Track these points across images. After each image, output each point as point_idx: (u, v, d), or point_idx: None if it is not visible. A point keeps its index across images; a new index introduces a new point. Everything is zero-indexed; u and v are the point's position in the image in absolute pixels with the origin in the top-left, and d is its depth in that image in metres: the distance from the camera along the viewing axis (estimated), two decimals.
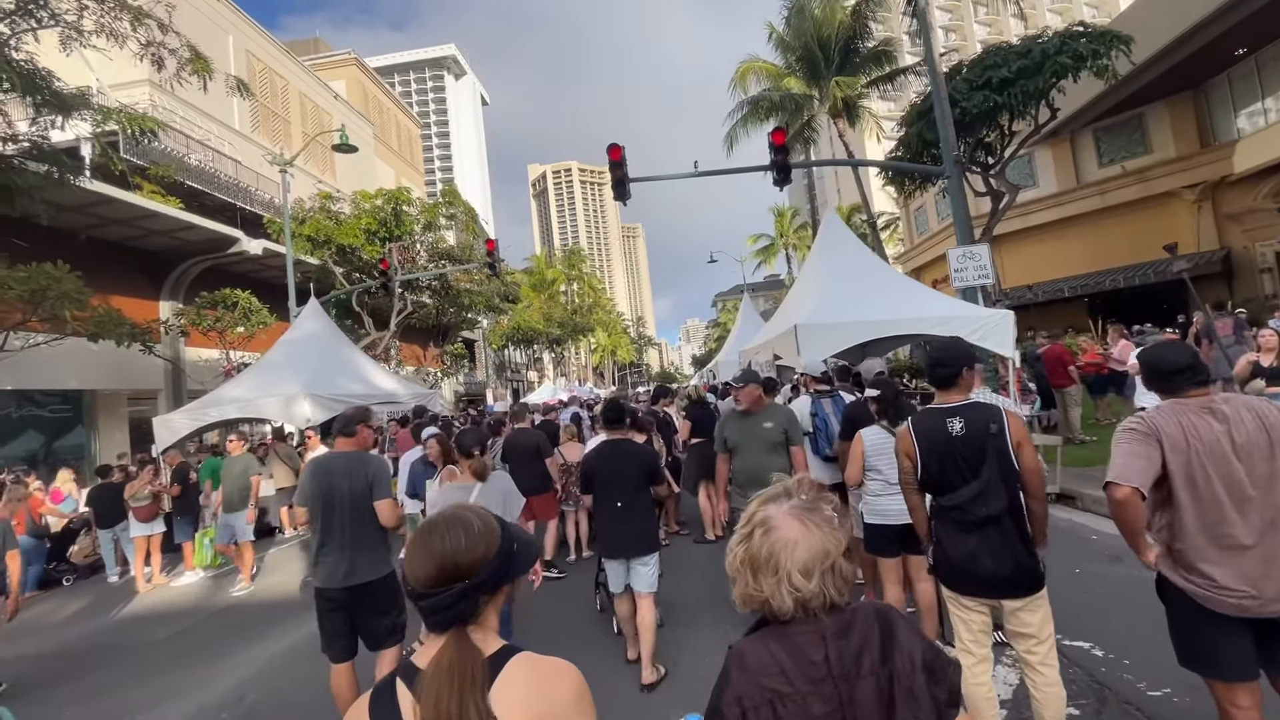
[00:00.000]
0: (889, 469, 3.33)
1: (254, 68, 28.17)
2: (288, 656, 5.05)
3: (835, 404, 4.88)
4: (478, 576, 1.13)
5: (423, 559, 1.14)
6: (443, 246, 21.48)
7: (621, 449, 4.06)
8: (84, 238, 14.62)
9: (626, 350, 69.94)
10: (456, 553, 1.13)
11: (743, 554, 1.18)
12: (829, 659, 1.12)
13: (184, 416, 10.12)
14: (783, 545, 1.14)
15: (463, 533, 1.16)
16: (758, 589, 1.15)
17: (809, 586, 1.12)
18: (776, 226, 41.85)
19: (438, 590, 1.11)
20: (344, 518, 3.43)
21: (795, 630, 1.15)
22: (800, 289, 9.33)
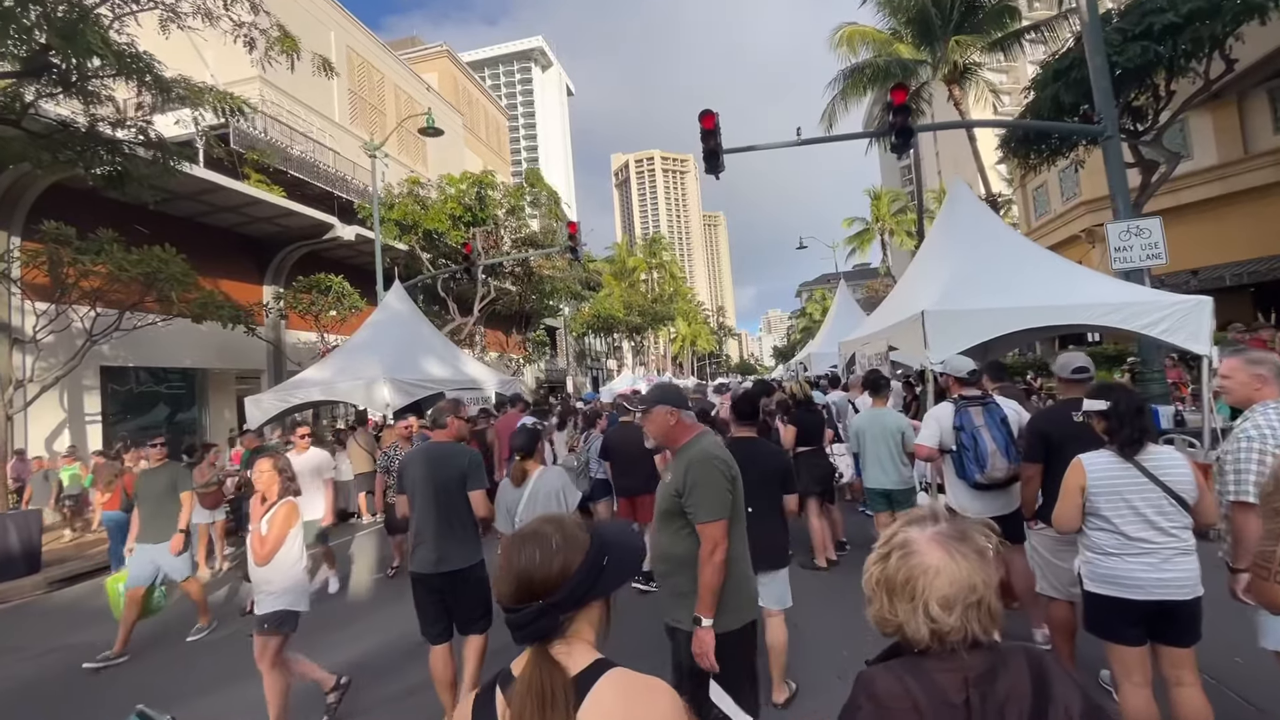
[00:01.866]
0: (1124, 516, 2.38)
1: (353, 61, 29.28)
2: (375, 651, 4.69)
3: (989, 415, 3.80)
4: (555, 595, 1.07)
5: (503, 574, 1.11)
6: (526, 232, 21.33)
7: (756, 449, 3.47)
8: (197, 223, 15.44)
9: (706, 340, 68.63)
10: (531, 570, 1.08)
11: (878, 574, 1.13)
12: (970, 704, 1.03)
13: (273, 397, 10.26)
14: (921, 571, 1.07)
15: (538, 548, 1.10)
16: (893, 613, 1.10)
17: (948, 620, 1.04)
18: (872, 210, 39.14)
19: (518, 607, 1.08)
20: (438, 507, 3.57)
21: (933, 665, 1.07)
22: (921, 270, 8.07)
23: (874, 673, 1.13)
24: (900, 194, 43.95)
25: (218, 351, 16.15)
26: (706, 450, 2.45)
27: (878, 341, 7.90)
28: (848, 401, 6.26)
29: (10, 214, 12.00)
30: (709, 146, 8.58)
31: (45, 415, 12.52)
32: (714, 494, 2.35)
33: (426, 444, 3.96)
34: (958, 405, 3.90)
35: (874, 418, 5.13)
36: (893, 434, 4.98)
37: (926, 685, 1.05)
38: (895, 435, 4.98)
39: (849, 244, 39.95)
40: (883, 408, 5.16)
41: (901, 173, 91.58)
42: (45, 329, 11.31)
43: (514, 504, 3.55)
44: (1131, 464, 2.37)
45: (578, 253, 14.00)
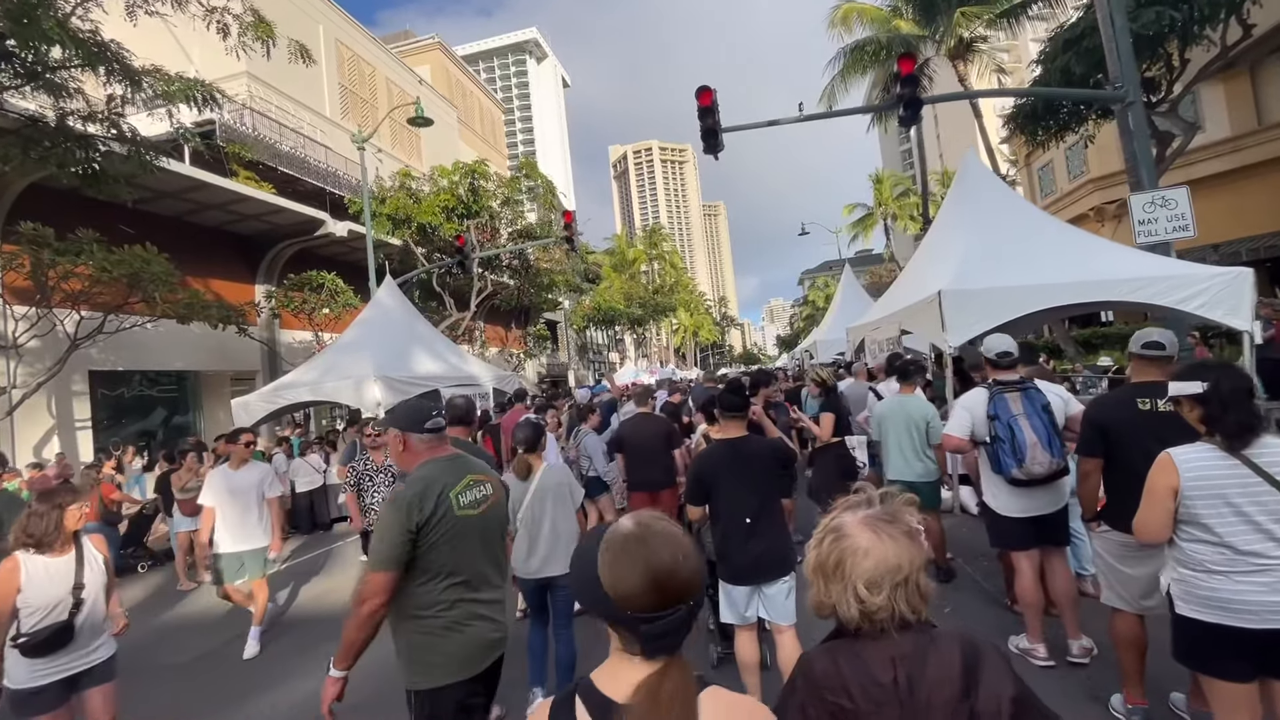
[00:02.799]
0: (1231, 525, 1.98)
1: (343, 55, 28.78)
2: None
3: (1028, 401, 3.35)
4: (697, 597, 1.03)
5: (642, 577, 0.99)
6: (522, 224, 20.90)
7: (749, 447, 3.20)
8: (182, 222, 15.07)
9: (709, 331, 68.15)
10: (677, 570, 1.01)
11: (813, 559, 1.16)
12: (898, 683, 1.05)
13: (260, 399, 9.90)
14: (850, 553, 1.10)
15: (678, 548, 1.03)
16: (827, 595, 1.12)
17: (875, 600, 1.07)
18: (875, 194, 38.53)
19: (662, 613, 0.99)
20: None
21: (864, 646, 1.10)
22: (934, 249, 7.63)
23: (811, 654, 1.16)
24: (903, 178, 43.30)
25: (211, 353, 15.82)
26: (407, 485, 2.17)
27: (889, 325, 7.49)
28: (868, 389, 5.86)
29: None
30: (707, 125, 8.14)
31: (33, 423, 12.20)
32: (383, 540, 2.07)
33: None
34: (992, 391, 3.46)
35: (898, 405, 4.71)
36: (917, 423, 4.58)
37: (856, 665, 1.08)
38: (920, 424, 4.57)
39: (852, 229, 39.41)
40: (909, 394, 4.74)
41: (902, 156, 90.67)
42: (28, 333, 10.98)
43: (518, 499, 3.51)
44: (1238, 460, 1.95)
45: (574, 243, 13.59)
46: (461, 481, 2.22)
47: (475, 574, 2.20)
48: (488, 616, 2.22)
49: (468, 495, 2.23)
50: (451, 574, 2.13)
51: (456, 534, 2.14)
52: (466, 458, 2.39)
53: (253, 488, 4.85)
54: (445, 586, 2.12)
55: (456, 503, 2.17)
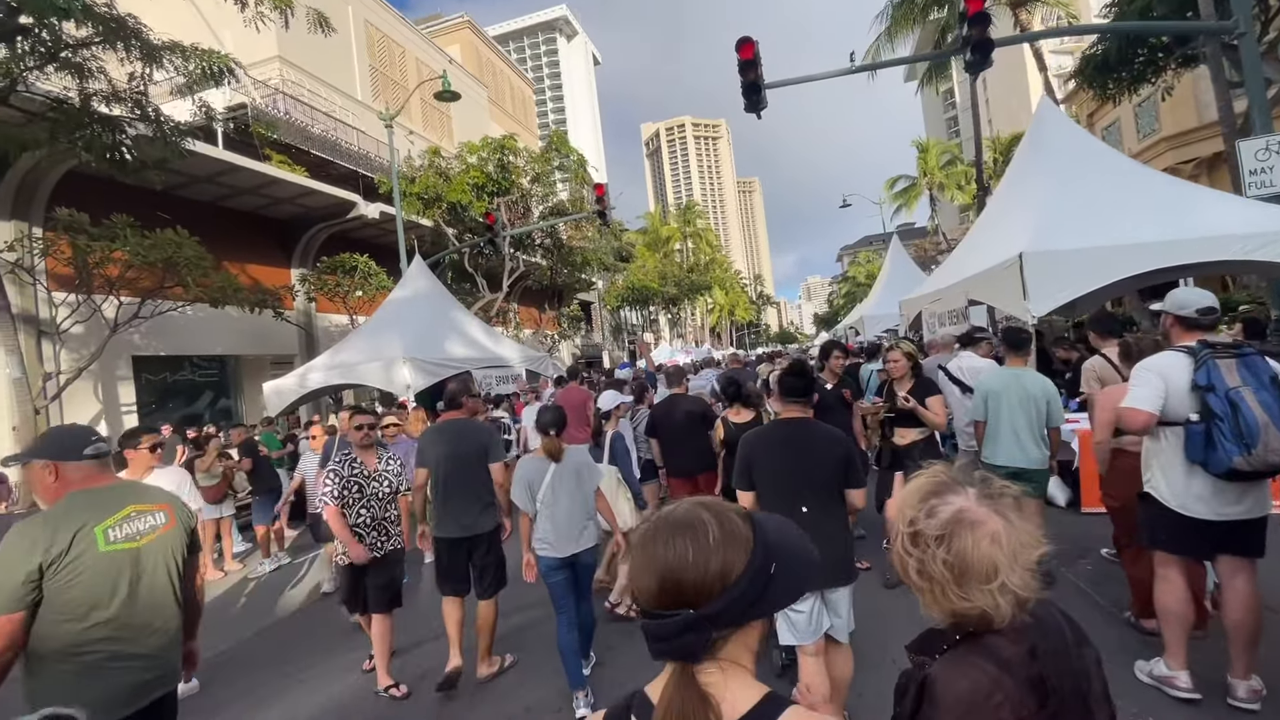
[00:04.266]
0: None
1: (372, 36, 28.58)
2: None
3: (1250, 370, 2.53)
4: (710, 605, 0.83)
5: (643, 569, 0.88)
6: (554, 201, 20.44)
7: (808, 432, 2.83)
8: (219, 207, 15.12)
9: (745, 309, 66.90)
10: (681, 568, 0.84)
11: (946, 557, 0.97)
12: (1044, 675, 0.95)
13: (293, 382, 9.78)
14: (993, 544, 0.96)
15: (690, 542, 0.85)
16: (965, 598, 0.96)
17: (1031, 585, 0.96)
18: (919, 164, 36.70)
19: (660, 612, 0.84)
20: (461, 478, 3.91)
21: (997, 643, 0.97)
22: (1005, 208, 6.83)
23: (947, 673, 0.98)
24: (949, 145, 41.15)
25: (250, 337, 15.95)
26: (39, 518, 2.03)
27: (954, 295, 6.77)
28: (936, 367, 5.19)
29: (29, 204, 11.76)
30: (749, 80, 7.46)
31: (80, 407, 12.44)
32: None
33: (444, 421, 4.22)
34: (1198, 356, 2.65)
35: (1012, 379, 3.96)
36: (1036, 400, 3.86)
37: (1005, 665, 0.96)
38: (1040, 402, 3.86)
39: (895, 201, 37.68)
40: (1021, 367, 4.02)
41: (947, 124, 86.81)
42: (69, 319, 11.11)
43: (537, 479, 3.54)
44: None
45: (606, 217, 13.04)
46: (116, 514, 2.09)
47: (127, 611, 2.07)
48: (139, 655, 2.09)
49: (124, 528, 2.10)
50: (92, 612, 2.00)
51: (99, 571, 2.01)
52: (134, 486, 2.31)
53: None
54: (86, 627, 1.99)
55: (103, 538, 2.04)
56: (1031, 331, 4.47)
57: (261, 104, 19.00)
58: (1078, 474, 5.06)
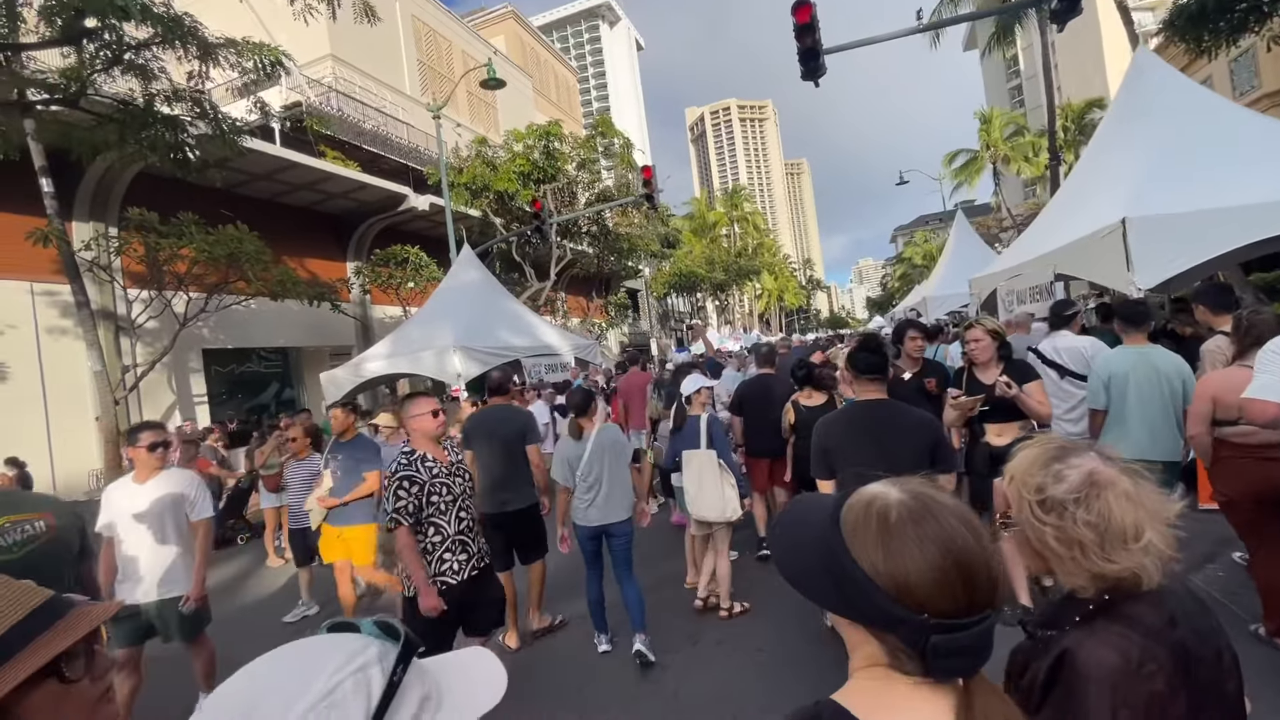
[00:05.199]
0: None
1: (420, 31, 28.97)
2: None
3: None
4: (1005, 602, 0.80)
5: (941, 562, 0.69)
6: (600, 187, 20.25)
7: (890, 414, 2.68)
8: (277, 204, 15.61)
9: (794, 294, 65.37)
10: (989, 558, 0.72)
11: (1088, 519, 0.93)
12: (1185, 642, 0.91)
13: (348, 372, 9.93)
14: (1133, 504, 0.93)
15: (981, 529, 0.72)
16: (1109, 559, 0.92)
17: (1173, 543, 0.93)
18: (981, 136, 34.70)
19: (968, 620, 0.68)
20: (502, 459, 4.19)
21: (1138, 610, 0.92)
22: (1099, 168, 6.17)
23: (1091, 644, 0.92)
24: (1014, 116, 38.81)
25: (310, 330, 16.45)
26: None
27: (1037, 270, 6.19)
28: (1026, 349, 4.68)
29: (105, 206, 12.35)
30: (806, 45, 7.01)
31: (156, 399, 13.09)
32: None
33: (488, 407, 4.65)
34: None
35: (1140, 359, 3.43)
36: (1170, 380, 3.34)
37: (1152, 633, 0.91)
38: (1174, 381, 3.34)
39: (956, 177, 35.82)
40: (1144, 345, 3.48)
41: (1010, 94, 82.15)
42: (144, 314, 11.65)
43: (575, 457, 3.85)
44: None
45: (654, 200, 12.71)
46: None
47: None
48: None
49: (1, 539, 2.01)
50: None
51: None
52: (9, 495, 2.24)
53: (163, 509, 3.36)
54: None
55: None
56: (1150, 305, 3.92)
57: (316, 101, 19.49)
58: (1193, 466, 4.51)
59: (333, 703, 0.57)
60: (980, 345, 3.46)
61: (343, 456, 4.69)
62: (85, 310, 10.22)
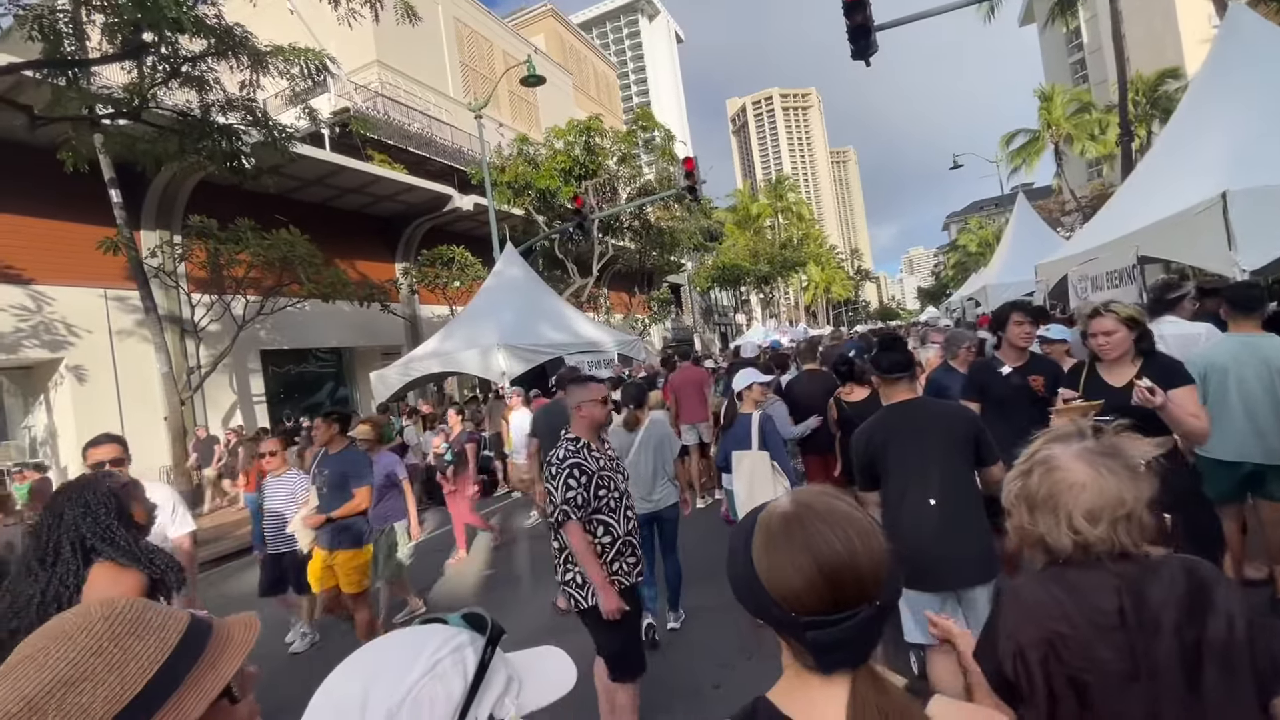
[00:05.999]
0: None
1: (461, 33, 29.38)
2: None
3: None
4: (884, 594, 0.81)
5: (799, 569, 0.79)
6: (641, 181, 20.08)
7: (926, 410, 2.61)
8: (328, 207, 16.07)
9: (842, 286, 63.74)
10: (853, 559, 0.79)
11: (1018, 489, 1.16)
12: (1124, 610, 1.06)
13: (396, 371, 10.10)
14: (1066, 487, 1.09)
15: (853, 532, 0.81)
16: (1033, 525, 1.13)
17: (1094, 531, 1.06)
18: (1042, 114, 32.86)
19: (835, 617, 0.78)
20: None
21: (1079, 574, 1.10)
22: (1188, 140, 5.62)
23: (1018, 585, 1.19)
24: (1078, 92, 36.63)
25: (361, 330, 16.88)
26: None
27: (1118, 253, 5.69)
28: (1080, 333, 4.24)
29: (169, 214, 12.92)
30: (856, 22, 6.65)
31: (219, 398, 13.66)
32: None
33: (551, 401, 5.39)
34: None
35: (1244, 349, 2.99)
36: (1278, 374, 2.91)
37: (1072, 592, 1.09)
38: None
39: (1014, 159, 34.05)
40: (1255, 333, 3.03)
41: (1072, 70, 77.88)
42: (206, 317, 12.15)
43: (626, 447, 4.01)
44: None
45: (697, 192, 12.45)
46: None
47: None
48: None
49: None
50: None
51: None
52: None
53: None
54: None
55: None
56: (1263, 289, 3.44)
57: (363, 106, 19.99)
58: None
59: (436, 674, 0.67)
60: (1112, 341, 2.60)
61: (329, 471, 4.21)
62: (152, 314, 10.71)
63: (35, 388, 11.96)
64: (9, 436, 12.05)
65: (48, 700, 0.59)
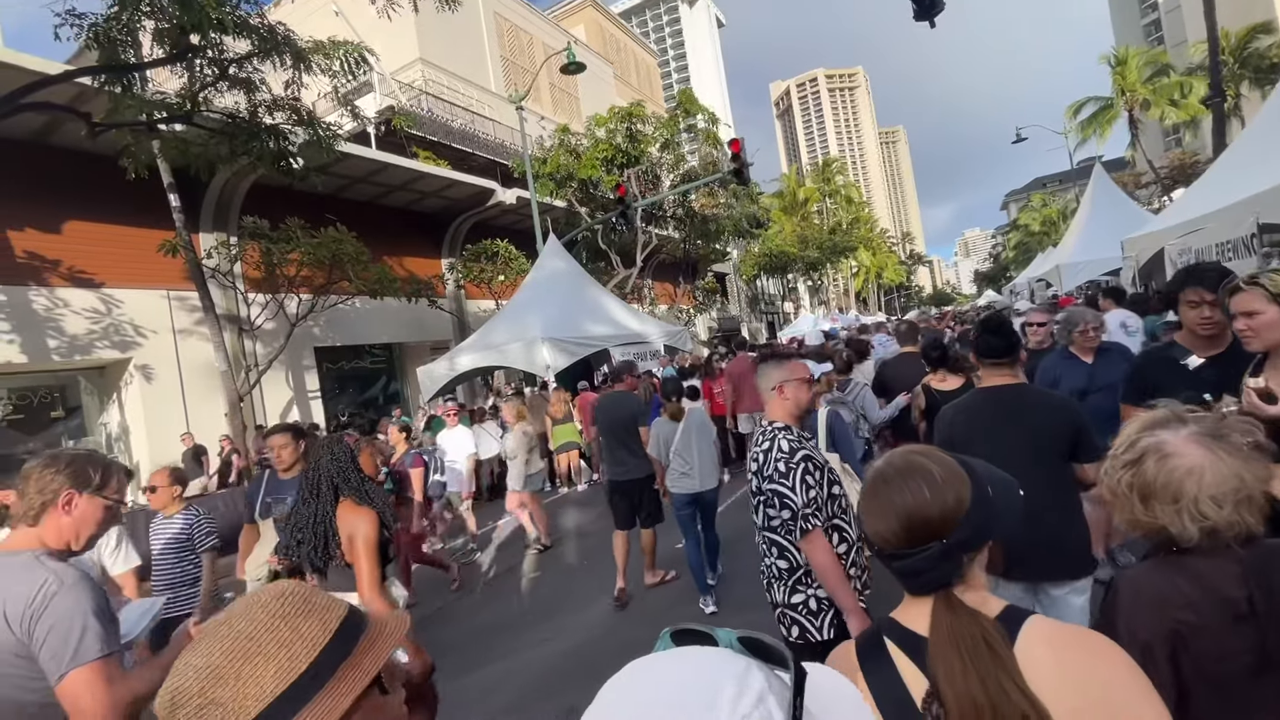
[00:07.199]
0: None
1: (502, 27, 29.43)
2: None
3: None
4: (957, 534, 0.96)
5: (883, 515, 1.01)
6: (684, 168, 19.63)
7: (1023, 398, 2.43)
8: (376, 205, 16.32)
9: (894, 270, 61.49)
10: (922, 506, 0.98)
11: (1129, 479, 1.12)
12: (1252, 598, 1.02)
13: (443, 366, 10.08)
14: (1185, 473, 1.06)
15: (924, 482, 0.99)
16: (1150, 516, 1.10)
17: (1221, 514, 1.04)
18: (1115, 80, 30.59)
19: (910, 550, 0.97)
20: (618, 436, 4.93)
21: (1199, 562, 1.07)
22: None
23: (1134, 574, 1.15)
24: (1156, 53, 33.91)
25: (410, 326, 17.10)
26: None
27: (1229, 221, 5.01)
28: None
29: (226, 216, 13.30)
30: None
31: (276, 394, 14.05)
32: None
33: (608, 392, 5.56)
34: None
35: None
36: None
37: (1196, 580, 1.06)
38: None
39: (1084, 131, 31.86)
40: None
41: (1146, 31, 72.78)
42: (261, 316, 12.47)
43: (670, 436, 4.62)
44: None
45: (744, 175, 11.94)
46: None
47: None
48: None
49: None
50: None
51: None
52: None
53: None
54: None
55: None
56: None
57: (407, 104, 20.22)
58: None
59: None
60: (1259, 323, 1.90)
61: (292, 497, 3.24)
62: (211, 314, 11.03)
63: (109, 387, 12.54)
64: (88, 434, 12.69)
65: (228, 668, 0.64)
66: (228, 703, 0.63)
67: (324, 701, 0.66)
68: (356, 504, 2.42)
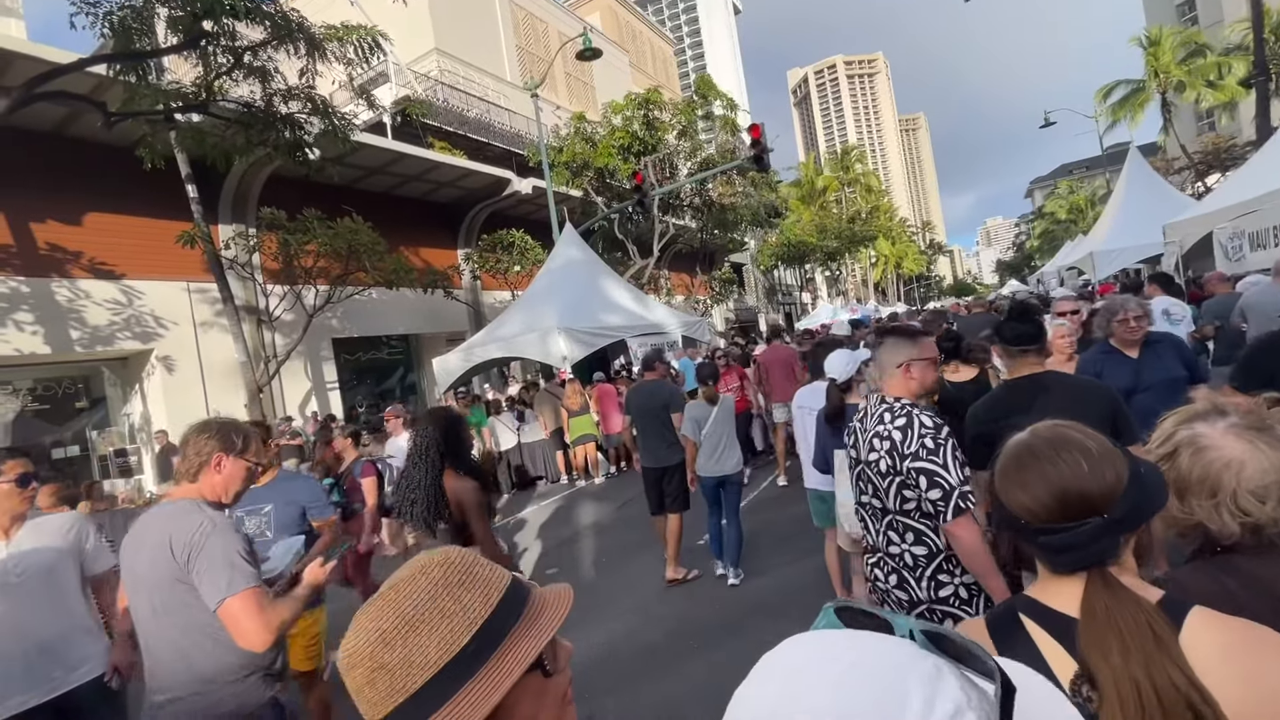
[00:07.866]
0: None
1: (518, 16, 29.23)
2: None
3: None
4: (1116, 510, 0.92)
5: (1033, 487, 0.96)
6: (701, 156, 19.33)
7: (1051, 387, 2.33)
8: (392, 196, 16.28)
9: (914, 260, 60.47)
10: (1080, 480, 0.93)
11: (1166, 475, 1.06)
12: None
13: (458, 357, 10.00)
14: (1223, 466, 1.02)
15: (1082, 456, 0.94)
16: (1186, 512, 1.06)
17: (1264, 510, 0.99)
18: (1147, 62, 29.52)
19: (1064, 525, 0.93)
20: (651, 424, 5.13)
21: (1248, 563, 1.01)
22: None
23: (1182, 575, 1.10)
24: (1191, 34, 32.69)
25: (426, 317, 17.10)
26: None
27: None
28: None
29: (243, 207, 13.33)
30: None
31: (295, 385, 14.12)
32: None
33: (641, 382, 5.68)
34: None
35: None
36: None
37: (1249, 582, 1.00)
38: None
39: (1115, 114, 30.86)
40: None
41: (1179, 12, 70.46)
42: (279, 307, 12.49)
43: (704, 418, 4.76)
44: None
45: (764, 161, 11.64)
46: None
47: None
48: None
49: None
50: None
51: None
52: None
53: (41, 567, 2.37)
54: None
55: None
56: None
57: (423, 95, 20.12)
58: None
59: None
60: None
61: (274, 506, 3.11)
62: (230, 305, 11.05)
63: (131, 378, 12.67)
64: (111, 424, 12.86)
65: (395, 634, 0.63)
66: (395, 668, 0.63)
67: (483, 681, 0.63)
68: (458, 473, 2.67)
